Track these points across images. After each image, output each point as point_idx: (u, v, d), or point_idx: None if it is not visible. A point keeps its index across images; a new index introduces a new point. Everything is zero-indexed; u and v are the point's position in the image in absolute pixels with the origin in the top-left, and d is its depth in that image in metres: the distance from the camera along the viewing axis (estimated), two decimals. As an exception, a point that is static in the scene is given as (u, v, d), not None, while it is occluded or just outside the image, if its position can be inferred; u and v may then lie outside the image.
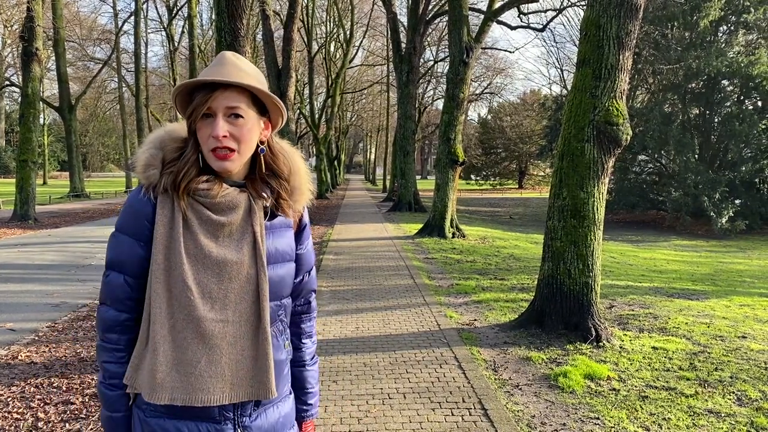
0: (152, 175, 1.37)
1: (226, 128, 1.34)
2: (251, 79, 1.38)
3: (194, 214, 1.36)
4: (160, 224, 1.34)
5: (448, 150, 13.71)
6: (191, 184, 1.36)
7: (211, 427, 1.36)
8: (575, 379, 4.37)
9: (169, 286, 1.33)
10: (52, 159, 55.86)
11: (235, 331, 1.36)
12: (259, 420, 1.43)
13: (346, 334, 5.70)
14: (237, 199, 1.39)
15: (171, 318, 1.33)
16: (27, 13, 17.08)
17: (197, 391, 1.32)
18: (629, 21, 5.38)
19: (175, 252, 1.33)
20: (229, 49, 6.09)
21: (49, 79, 39.92)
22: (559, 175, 5.69)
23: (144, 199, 1.37)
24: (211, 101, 1.34)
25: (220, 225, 1.36)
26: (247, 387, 1.37)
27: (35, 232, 14.89)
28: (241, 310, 1.36)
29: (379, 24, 40.44)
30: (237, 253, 1.36)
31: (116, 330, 1.39)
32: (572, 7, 23.55)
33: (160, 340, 1.32)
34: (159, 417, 1.36)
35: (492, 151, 52.59)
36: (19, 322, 6.16)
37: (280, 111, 1.45)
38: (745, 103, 23.42)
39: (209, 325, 1.33)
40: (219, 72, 1.36)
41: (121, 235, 1.39)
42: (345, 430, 3.58)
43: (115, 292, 1.39)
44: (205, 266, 1.34)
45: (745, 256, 15.40)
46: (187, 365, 1.32)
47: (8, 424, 3.67)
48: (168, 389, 1.31)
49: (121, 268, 1.39)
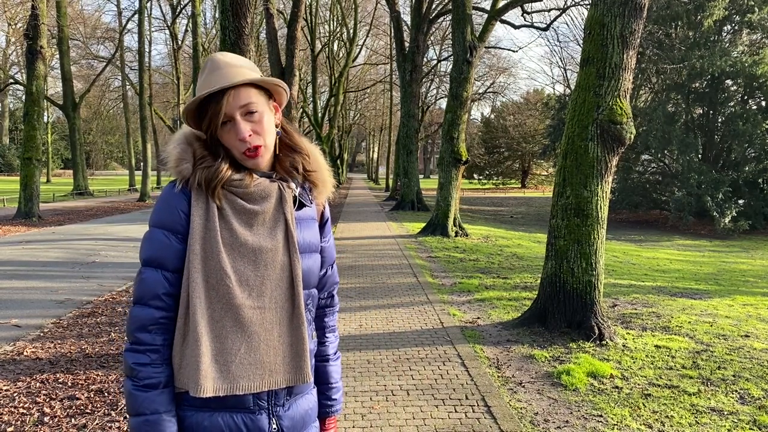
0: (185, 169, 1.39)
1: (249, 127, 1.38)
2: (250, 72, 1.41)
3: (228, 204, 1.38)
4: (196, 215, 1.36)
5: (451, 149, 13.71)
6: (226, 176, 1.38)
7: (246, 417, 1.37)
8: (578, 376, 4.38)
9: (207, 275, 1.34)
10: (55, 157, 56.04)
11: (272, 318, 1.38)
12: (292, 410, 1.45)
13: (350, 331, 5.71)
14: (269, 188, 1.42)
15: (210, 308, 1.34)
16: (31, 11, 17.16)
17: (239, 379, 1.34)
18: (633, 20, 5.38)
19: (211, 241, 1.34)
20: (233, 47, 6.10)
21: (53, 77, 40.08)
22: (563, 174, 5.70)
23: (178, 193, 1.39)
24: (224, 108, 1.36)
25: (254, 214, 1.39)
26: (284, 373, 1.39)
27: (39, 229, 14.94)
28: (277, 297, 1.39)
29: (383, 23, 40.45)
30: (271, 241, 1.39)
31: (151, 329, 1.36)
32: (576, 6, 23.58)
33: (201, 332, 1.32)
34: (193, 410, 1.37)
35: (495, 151, 52.54)
36: (24, 318, 6.19)
37: (282, 89, 1.48)
38: (749, 102, 23.36)
39: (247, 312, 1.35)
40: (218, 78, 1.38)
41: (157, 231, 1.39)
42: (349, 426, 3.59)
43: (153, 288, 1.36)
44: (242, 254, 1.36)
45: (748, 255, 15.37)
46: (227, 354, 1.34)
47: (14, 418, 3.70)
48: (211, 380, 1.32)
49: (159, 264, 1.37)
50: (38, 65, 17.07)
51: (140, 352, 1.35)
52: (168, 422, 1.34)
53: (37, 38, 16.91)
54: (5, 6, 27.98)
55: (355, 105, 55.40)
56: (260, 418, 1.39)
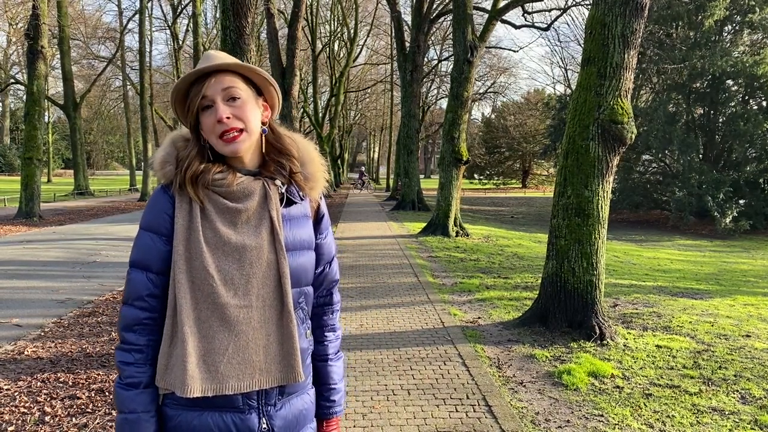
0: (168, 171, 1.41)
1: (228, 110, 1.37)
2: (235, 62, 1.42)
3: (211, 203, 1.38)
4: (179, 217, 1.37)
5: (452, 149, 13.70)
6: (206, 176, 1.37)
7: (235, 417, 1.36)
8: (579, 376, 4.38)
9: (191, 276, 1.34)
10: (56, 157, 56.04)
11: (260, 317, 1.37)
12: (284, 410, 1.43)
13: (351, 331, 5.71)
14: (252, 186, 1.41)
15: (195, 308, 1.33)
16: (32, 11, 17.17)
17: (227, 379, 1.33)
18: (634, 19, 5.38)
19: (194, 242, 1.35)
20: (234, 46, 6.11)
21: (54, 77, 40.04)
22: (564, 174, 5.69)
23: (163, 195, 1.41)
24: (205, 89, 1.37)
25: (237, 212, 1.38)
26: (275, 372, 1.38)
27: (40, 229, 14.95)
28: (264, 295, 1.37)
29: (383, 23, 40.46)
30: (256, 239, 1.38)
31: (135, 329, 1.38)
32: (577, 6, 23.53)
33: (187, 332, 1.32)
34: (182, 409, 1.36)
35: (495, 151, 52.53)
36: (25, 318, 6.20)
37: (274, 89, 1.48)
38: (750, 103, 23.33)
39: (233, 311, 1.34)
40: (206, 64, 1.40)
41: (143, 233, 1.40)
42: (350, 425, 3.59)
43: (137, 289, 1.38)
44: (225, 253, 1.35)
45: (749, 256, 15.36)
46: (215, 354, 1.33)
47: (15, 418, 3.70)
48: (199, 381, 1.31)
49: (144, 266, 1.39)
50: (39, 65, 17.07)
51: (126, 351, 1.38)
52: (146, 422, 1.34)
53: (38, 38, 16.92)
54: (6, 6, 28.02)
55: (356, 105, 55.36)
56: (250, 418, 1.38)
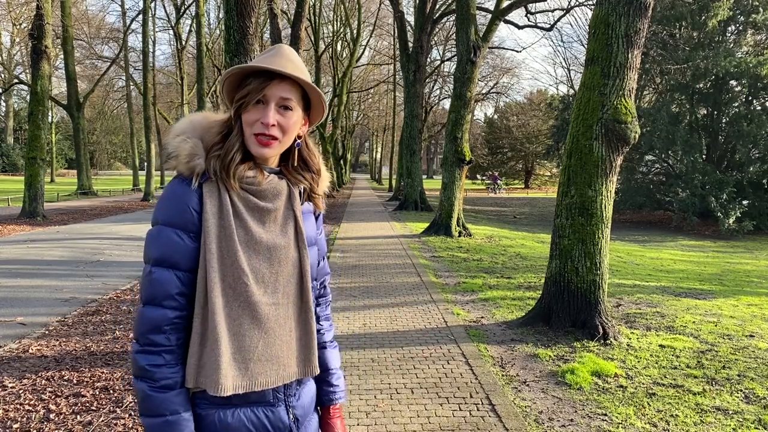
0: (197, 164, 1.37)
1: (276, 117, 1.39)
2: (305, 75, 1.42)
3: (241, 201, 1.38)
4: (210, 213, 1.34)
5: (455, 149, 13.70)
6: (238, 172, 1.38)
7: (267, 410, 1.41)
8: (582, 376, 4.38)
9: (223, 274, 1.34)
10: (60, 157, 56.18)
11: (285, 313, 1.42)
12: (301, 399, 1.49)
13: (354, 330, 5.72)
14: (280, 185, 1.44)
15: (227, 306, 1.34)
16: (36, 11, 17.18)
17: (257, 376, 1.36)
18: (638, 19, 5.38)
19: (228, 240, 1.34)
20: (237, 46, 6.12)
21: (58, 77, 40.23)
22: (568, 173, 5.69)
23: (189, 190, 1.36)
24: (267, 89, 1.37)
25: (267, 211, 1.41)
26: (296, 366, 1.44)
27: (44, 228, 14.98)
28: (288, 292, 1.42)
29: (386, 23, 40.47)
30: (284, 238, 1.42)
31: (165, 330, 1.33)
32: (579, 6, 23.53)
33: (221, 331, 1.32)
34: (214, 408, 1.37)
35: (498, 151, 52.53)
36: (30, 316, 6.22)
37: (323, 109, 1.50)
38: (753, 103, 23.25)
39: (264, 309, 1.37)
40: (277, 63, 1.38)
41: (167, 229, 1.34)
42: (354, 423, 3.60)
43: (166, 288, 1.33)
44: (257, 252, 1.38)
45: (753, 256, 15.32)
46: (245, 352, 1.35)
47: (20, 415, 3.72)
48: (231, 379, 1.33)
49: (171, 263, 1.33)
50: (43, 65, 17.11)
51: (154, 353, 1.32)
52: (188, 422, 1.34)
53: (41, 38, 16.95)
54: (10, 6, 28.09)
55: (359, 105, 55.39)
56: (280, 410, 1.43)
